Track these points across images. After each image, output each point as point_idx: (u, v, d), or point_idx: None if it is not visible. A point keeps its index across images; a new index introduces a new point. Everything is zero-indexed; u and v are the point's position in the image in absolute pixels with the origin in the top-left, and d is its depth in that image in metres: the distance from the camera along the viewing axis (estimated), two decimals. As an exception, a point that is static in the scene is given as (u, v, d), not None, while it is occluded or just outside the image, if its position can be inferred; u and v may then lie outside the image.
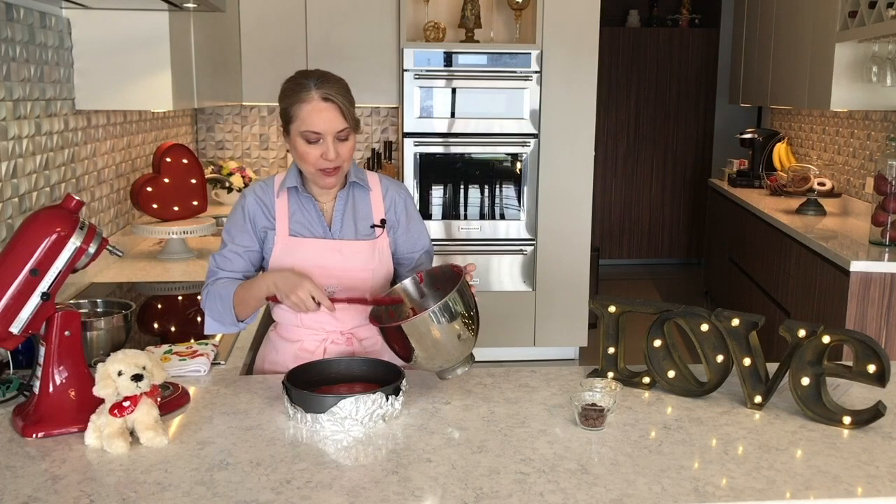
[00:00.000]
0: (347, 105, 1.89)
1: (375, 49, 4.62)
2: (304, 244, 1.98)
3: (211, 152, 4.98)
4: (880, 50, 3.68)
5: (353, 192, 2.03)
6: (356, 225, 2.02)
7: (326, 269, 1.97)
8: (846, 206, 4.42)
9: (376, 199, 2.05)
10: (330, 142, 1.88)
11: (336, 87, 1.89)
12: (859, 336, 1.62)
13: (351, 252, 1.99)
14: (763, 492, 1.36)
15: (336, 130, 1.88)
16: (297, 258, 1.97)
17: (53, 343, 1.58)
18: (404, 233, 2.07)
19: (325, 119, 1.86)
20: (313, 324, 2.01)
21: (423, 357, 1.69)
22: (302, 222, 2.00)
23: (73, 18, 2.73)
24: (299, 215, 2.00)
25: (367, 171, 2.09)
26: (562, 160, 4.57)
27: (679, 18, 7.30)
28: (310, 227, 2.00)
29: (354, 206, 2.03)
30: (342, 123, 1.88)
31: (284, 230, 1.99)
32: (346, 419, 1.57)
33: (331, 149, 1.88)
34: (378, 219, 2.03)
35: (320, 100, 1.86)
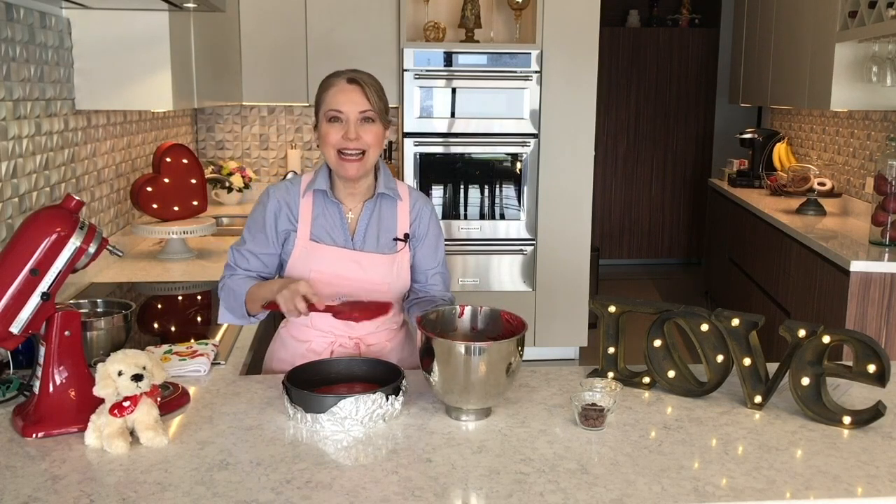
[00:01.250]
0: (374, 91, 1.91)
1: (375, 49, 4.62)
2: (323, 251, 1.97)
3: (211, 152, 4.98)
4: (880, 50, 3.68)
5: (380, 203, 2.02)
6: (379, 237, 2.00)
7: (343, 279, 1.97)
8: (846, 206, 4.42)
9: (403, 211, 2.04)
10: (352, 122, 1.90)
11: (365, 75, 1.94)
12: (859, 336, 1.62)
13: (370, 264, 1.98)
14: (763, 492, 1.36)
15: (359, 110, 1.90)
16: (315, 264, 1.97)
17: (53, 343, 1.58)
18: (424, 248, 2.06)
19: (348, 99, 1.89)
20: (323, 325, 2.01)
21: (439, 383, 1.62)
22: (324, 227, 1.99)
23: (73, 18, 2.73)
24: (322, 220, 1.99)
25: (398, 181, 2.08)
26: (562, 160, 4.57)
27: (679, 18, 7.30)
28: (332, 234, 1.99)
29: (380, 217, 2.02)
30: (365, 104, 1.90)
31: (306, 234, 1.98)
32: (346, 419, 1.57)
33: (351, 128, 1.90)
34: (402, 232, 2.02)
35: (346, 82, 1.90)
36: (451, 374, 1.58)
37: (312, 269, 1.97)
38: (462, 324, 1.79)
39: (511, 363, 1.61)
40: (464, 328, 1.79)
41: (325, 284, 1.97)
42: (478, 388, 1.59)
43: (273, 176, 5.02)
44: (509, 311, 1.75)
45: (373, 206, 2.01)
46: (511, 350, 1.60)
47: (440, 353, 1.59)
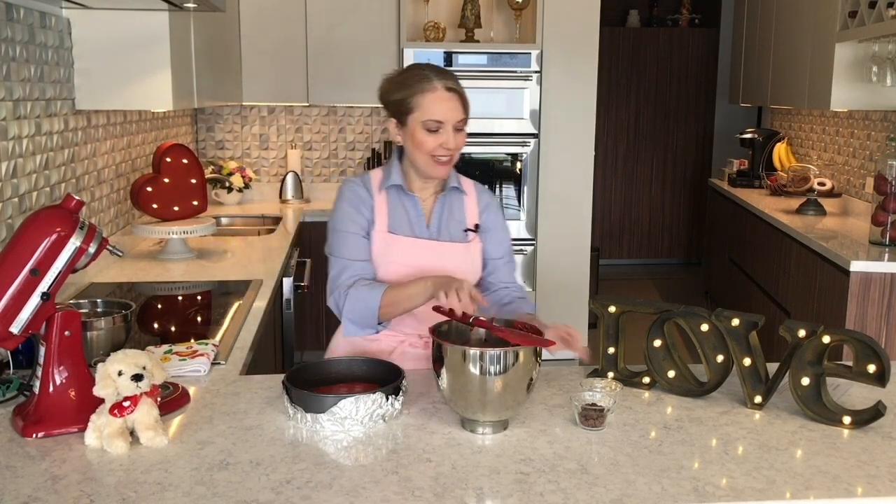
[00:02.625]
0: (466, 98, 1.98)
1: (375, 49, 4.62)
2: (403, 242, 2.02)
3: (211, 152, 4.98)
4: (880, 50, 3.68)
5: (451, 195, 2.08)
6: (451, 229, 2.06)
7: (421, 269, 1.99)
8: (846, 206, 4.42)
9: (471, 203, 2.11)
10: (450, 131, 1.94)
11: (456, 81, 1.98)
12: (859, 336, 1.62)
13: (448, 253, 2.03)
14: (763, 492, 1.36)
15: (456, 120, 1.95)
16: (394, 255, 2.01)
17: (53, 343, 1.58)
18: (492, 239, 2.11)
19: (448, 108, 1.94)
20: (395, 323, 2.04)
21: (447, 390, 1.59)
22: (401, 220, 2.04)
23: (73, 18, 2.73)
24: (399, 213, 2.04)
25: (463, 177, 2.14)
26: (562, 160, 4.57)
27: (679, 18, 7.30)
28: (409, 225, 2.04)
29: (451, 209, 2.08)
30: (461, 114, 1.96)
31: (384, 226, 2.02)
32: (346, 419, 1.57)
33: (451, 138, 1.95)
34: (472, 223, 2.08)
35: (444, 90, 1.93)
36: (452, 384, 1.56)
37: (392, 261, 2.01)
38: (476, 334, 1.74)
39: (532, 378, 1.58)
40: (477, 336, 1.75)
41: (405, 275, 1.99)
42: (496, 402, 1.55)
43: (273, 176, 5.02)
44: (523, 321, 1.72)
45: (444, 199, 2.07)
46: (531, 362, 1.57)
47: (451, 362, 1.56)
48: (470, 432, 1.59)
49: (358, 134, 5.05)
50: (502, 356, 1.53)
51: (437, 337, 1.60)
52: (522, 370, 1.55)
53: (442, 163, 1.98)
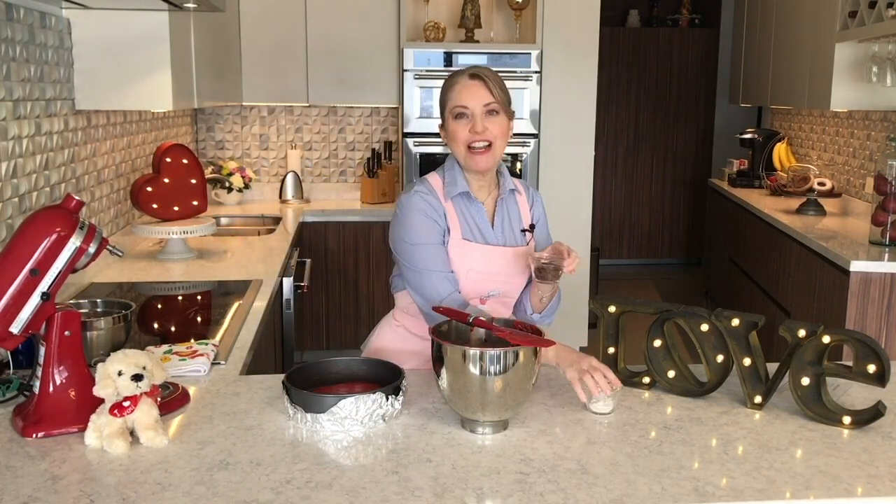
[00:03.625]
0: (497, 84, 1.95)
1: (375, 49, 4.62)
2: (477, 249, 2.01)
3: (211, 152, 4.98)
4: (880, 50, 3.68)
5: (508, 198, 2.09)
6: (510, 232, 2.07)
7: (493, 275, 2.01)
8: (846, 206, 4.42)
9: (523, 203, 2.11)
10: (478, 116, 1.94)
11: (488, 70, 1.97)
12: (859, 336, 1.62)
13: (515, 258, 2.04)
14: (763, 492, 1.36)
15: (483, 104, 1.93)
16: (471, 263, 2.00)
17: (53, 343, 1.58)
18: (540, 235, 2.12)
19: (472, 94, 1.94)
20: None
21: (447, 390, 1.59)
22: (471, 227, 2.03)
23: (73, 18, 2.73)
24: (468, 220, 2.03)
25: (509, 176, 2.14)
26: (562, 160, 4.57)
27: (679, 18, 7.30)
28: (480, 232, 2.04)
29: (511, 212, 2.09)
30: (488, 97, 1.93)
31: (458, 234, 2.01)
32: (345, 419, 1.57)
33: (478, 121, 1.94)
34: (527, 223, 2.09)
35: (468, 78, 1.95)
36: (451, 383, 1.56)
37: (469, 268, 2.00)
38: (476, 334, 1.74)
39: (532, 378, 1.58)
40: (477, 336, 1.75)
41: (480, 282, 2.01)
42: (496, 402, 1.55)
43: (273, 176, 5.02)
44: (522, 321, 1.72)
45: (503, 202, 2.08)
46: (531, 362, 1.58)
47: (451, 362, 1.56)
48: (470, 432, 1.59)
49: (358, 134, 5.05)
50: (502, 356, 1.53)
51: (437, 337, 1.60)
52: (522, 370, 1.55)
53: (478, 152, 1.96)
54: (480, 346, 1.60)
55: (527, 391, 1.58)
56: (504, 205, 2.08)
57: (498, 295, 2.04)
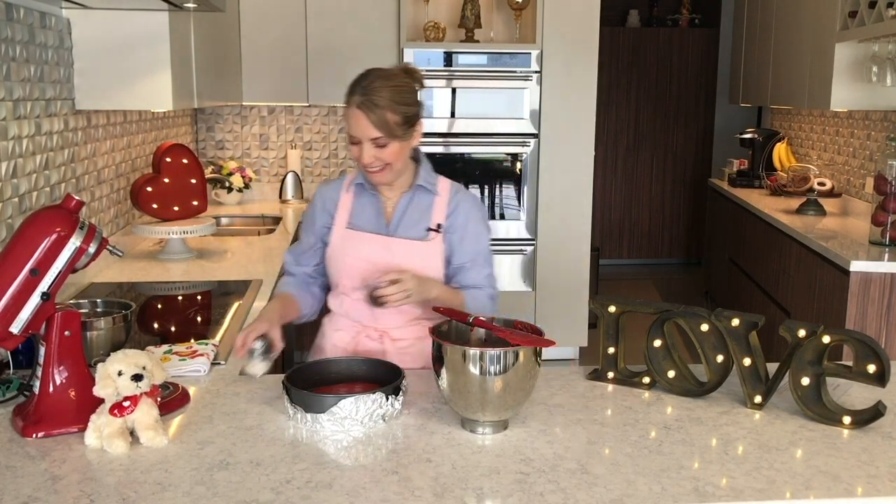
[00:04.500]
0: (385, 115, 1.91)
1: (375, 49, 4.62)
2: (357, 237, 2.06)
3: (211, 152, 4.98)
4: (880, 50, 3.68)
5: (416, 194, 2.08)
6: (411, 227, 2.07)
7: (375, 265, 2.03)
8: (846, 206, 4.42)
9: (440, 203, 2.09)
10: (366, 147, 1.95)
11: (379, 96, 1.91)
12: (859, 336, 1.62)
13: (400, 250, 2.04)
14: (763, 492, 1.36)
15: (370, 138, 1.93)
16: (350, 250, 2.06)
17: (53, 343, 1.58)
18: (458, 241, 2.08)
19: (359, 126, 1.93)
20: (353, 314, 2.09)
21: (447, 390, 1.58)
22: (361, 216, 2.08)
23: (73, 18, 2.73)
24: (360, 210, 2.09)
25: (440, 177, 2.14)
26: (562, 160, 4.57)
27: (679, 18, 7.30)
28: (368, 222, 2.08)
29: (415, 208, 2.08)
30: (375, 133, 1.92)
31: (343, 222, 2.08)
32: (345, 419, 1.57)
33: (365, 153, 1.95)
34: (435, 223, 2.07)
35: (356, 107, 1.93)
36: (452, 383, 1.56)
37: (348, 254, 2.06)
38: (476, 334, 1.74)
39: (532, 378, 1.58)
40: (477, 336, 1.74)
41: (360, 270, 2.04)
42: (496, 402, 1.55)
43: (273, 176, 5.03)
44: (522, 321, 1.70)
45: (409, 198, 2.08)
46: (531, 362, 1.58)
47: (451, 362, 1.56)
48: (470, 432, 1.59)
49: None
50: (502, 356, 1.53)
51: (437, 337, 1.60)
52: (522, 370, 1.55)
53: (372, 172, 1.99)
54: (480, 346, 1.60)
55: (527, 391, 1.59)
56: (410, 200, 2.08)
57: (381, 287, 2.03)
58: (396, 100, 1.93)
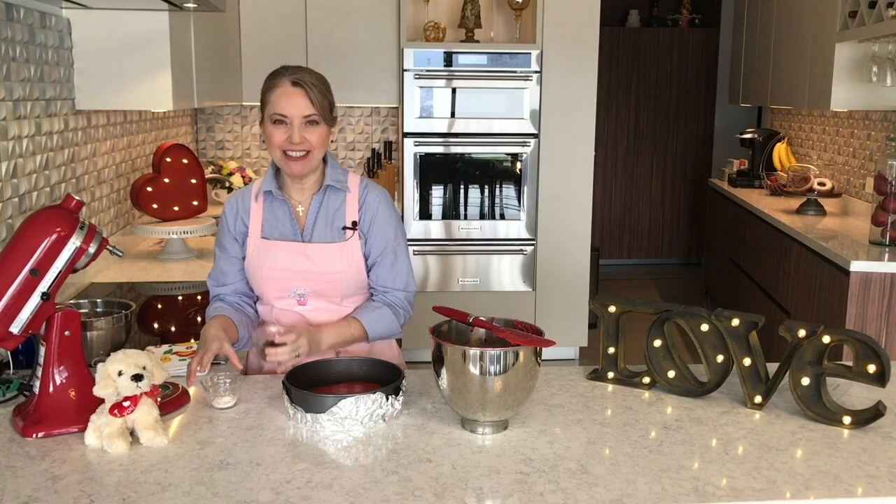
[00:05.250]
0: (318, 93, 1.92)
1: (375, 49, 4.62)
2: (274, 247, 2.01)
3: (211, 152, 4.98)
4: (880, 50, 3.68)
5: (328, 195, 2.04)
6: (327, 228, 2.03)
7: (295, 272, 2.00)
8: (846, 206, 4.42)
9: (352, 201, 2.05)
10: (296, 125, 1.91)
11: (310, 76, 1.94)
12: (859, 336, 1.62)
13: (318, 255, 2.00)
14: (763, 492, 1.36)
15: (303, 115, 1.91)
16: (267, 260, 2.00)
17: (53, 343, 1.58)
18: (372, 237, 2.05)
19: (292, 103, 1.91)
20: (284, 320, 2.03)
21: (447, 390, 1.59)
22: (274, 225, 2.03)
23: (73, 18, 2.73)
24: (272, 218, 2.03)
25: (349, 173, 2.09)
26: (562, 160, 4.57)
27: (679, 18, 7.30)
28: (281, 230, 2.03)
29: (328, 209, 2.04)
30: (309, 108, 1.91)
31: (257, 232, 2.03)
32: (345, 419, 1.57)
33: (296, 132, 1.91)
34: (350, 220, 2.04)
35: (290, 84, 1.92)
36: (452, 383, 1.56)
37: (265, 265, 2.01)
38: (476, 334, 1.74)
39: (532, 378, 1.58)
40: (477, 336, 1.74)
41: (279, 280, 2.01)
42: (496, 402, 1.55)
43: (273, 176, 5.02)
44: (522, 321, 1.70)
45: (321, 199, 2.04)
46: (531, 362, 1.58)
47: (451, 362, 1.56)
48: (470, 432, 1.59)
49: (358, 134, 5.05)
50: (502, 356, 1.53)
51: (437, 337, 1.60)
52: (522, 370, 1.55)
53: (293, 158, 1.94)
54: (480, 346, 1.60)
55: (527, 391, 1.59)
56: (322, 201, 2.04)
57: (307, 294, 2.01)
58: (323, 89, 1.95)
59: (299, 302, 2.02)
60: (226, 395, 1.70)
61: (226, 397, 1.70)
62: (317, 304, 2.03)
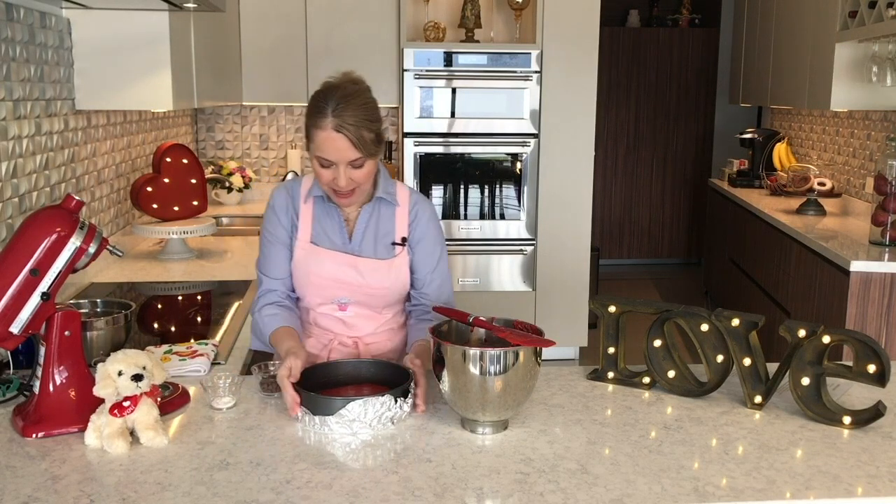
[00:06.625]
0: (361, 134, 1.83)
1: (375, 49, 4.62)
2: (323, 254, 1.98)
3: (211, 152, 4.98)
4: (880, 50, 3.68)
5: (378, 207, 2.01)
6: (377, 242, 2.00)
7: (341, 282, 1.98)
8: (846, 206, 4.42)
9: (402, 215, 2.03)
10: (342, 170, 1.85)
11: (353, 115, 1.82)
12: (859, 336, 1.62)
13: (367, 269, 1.98)
14: (763, 492, 1.36)
15: (347, 160, 1.84)
16: (314, 267, 1.98)
17: (53, 343, 1.58)
18: (421, 251, 2.03)
19: (336, 148, 1.83)
20: (323, 323, 2.03)
21: (447, 390, 1.59)
22: (324, 231, 2.00)
23: (73, 18, 2.73)
24: (323, 223, 2.00)
25: (398, 184, 2.06)
26: (562, 160, 4.57)
27: (679, 18, 7.30)
28: (331, 238, 2.00)
29: (378, 221, 2.01)
30: (353, 154, 1.84)
31: (307, 236, 1.99)
32: (354, 421, 1.57)
33: (341, 176, 1.86)
34: (399, 236, 2.01)
35: (332, 129, 1.82)
36: (453, 383, 1.56)
37: (311, 272, 1.98)
38: (476, 334, 1.74)
39: (532, 378, 1.59)
40: (477, 336, 1.74)
41: (324, 287, 1.99)
42: (496, 402, 1.55)
43: (273, 176, 5.03)
44: (522, 321, 1.70)
45: (370, 210, 2.01)
46: (531, 362, 1.58)
47: (451, 362, 1.57)
48: (470, 432, 1.59)
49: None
50: (502, 356, 1.53)
51: (437, 337, 1.60)
52: (522, 370, 1.55)
53: (342, 195, 1.91)
54: (480, 346, 1.60)
55: (527, 391, 1.59)
56: (371, 213, 2.01)
57: (349, 302, 2.00)
58: (369, 117, 1.86)
59: (340, 307, 2.01)
60: (226, 396, 1.70)
61: (226, 397, 1.70)
62: (357, 311, 2.02)
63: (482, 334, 1.72)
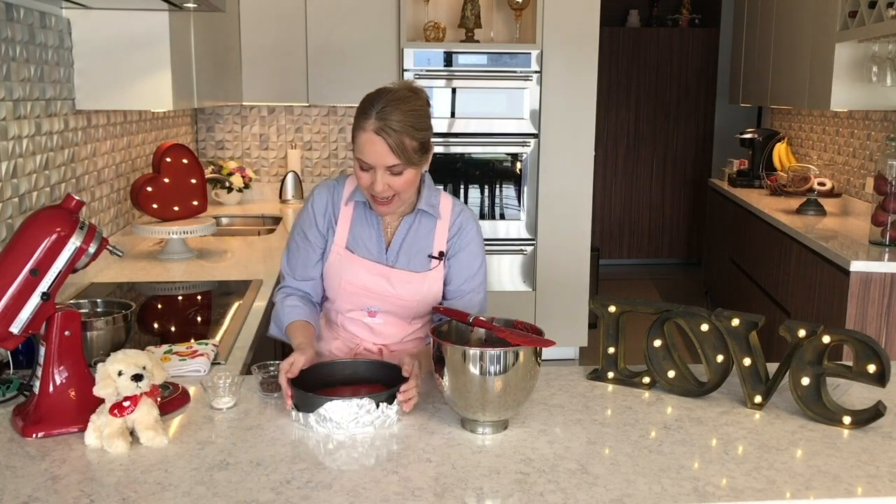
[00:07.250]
0: (402, 140, 1.78)
1: (375, 49, 4.62)
2: (356, 262, 1.96)
3: (211, 152, 4.98)
4: (880, 50, 3.68)
5: (419, 218, 1.98)
6: (413, 254, 1.97)
7: (373, 292, 1.97)
8: (846, 206, 4.42)
9: (442, 228, 1.99)
10: (380, 174, 1.81)
11: (397, 119, 1.78)
12: (859, 336, 1.62)
13: (401, 282, 1.97)
14: (763, 492, 1.36)
15: (386, 165, 1.80)
16: (347, 274, 1.97)
17: (53, 343, 1.58)
18: (458, 263, 2.00)
19: (374, 152, 1.79)
20: (350, 328, 2.04)
21: (447, 390, 1.58)
22: (361, 238, 1.98)
23: (73, 18, 2.73)
24: (359, 230, 1.98)
25: (442, 194, 2.01)
26: (562, 160, 4.57)
27: (679, 18, 7.30)
28: (367, 246, 1.97)
29: (417, 233, 1.98)
30: (392, 159, 1.79)
31: (342, 241, 1.98)
32: (329, 421, 1.56)
33: (379, 181, 1.82)
34: (437, 250, 1.98)
35: (373, 132, 1.78)
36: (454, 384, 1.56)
37: (343, 278, 1.97)
38: (476, 334, 1.74)
39: (532, 378, 1.59)
40: (477, 336, 1.74)
41: (355, 294, 1.98)
42: (496, 402, 1.55)
43: (273, 176, 5.03)
44: (522, 321, 1.70)
45: (410, 222, 1.98)
46: (531, 362, 1.58)
47: (451, 362, 1.56)
48: (470, 432, 1.59)
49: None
50: (502, 356, 1.53)
51: (437, 337, 1.60)
52: (522, 370, 1.55)
53: (379, 202, 1.87)
54: (480, 346, 1.60)
55: (527, 391, 1.59)
56: (411, 225, 1.98)
57: (379, 310, 1.99)
58: (414, 125, 1.80)
59: (369, 314, 2.00)
60: (226, 396, 1.70)
61: (226, 397, 1.70)
62: (386, 319, 2.01)
63: (482, 334, 1.72)
